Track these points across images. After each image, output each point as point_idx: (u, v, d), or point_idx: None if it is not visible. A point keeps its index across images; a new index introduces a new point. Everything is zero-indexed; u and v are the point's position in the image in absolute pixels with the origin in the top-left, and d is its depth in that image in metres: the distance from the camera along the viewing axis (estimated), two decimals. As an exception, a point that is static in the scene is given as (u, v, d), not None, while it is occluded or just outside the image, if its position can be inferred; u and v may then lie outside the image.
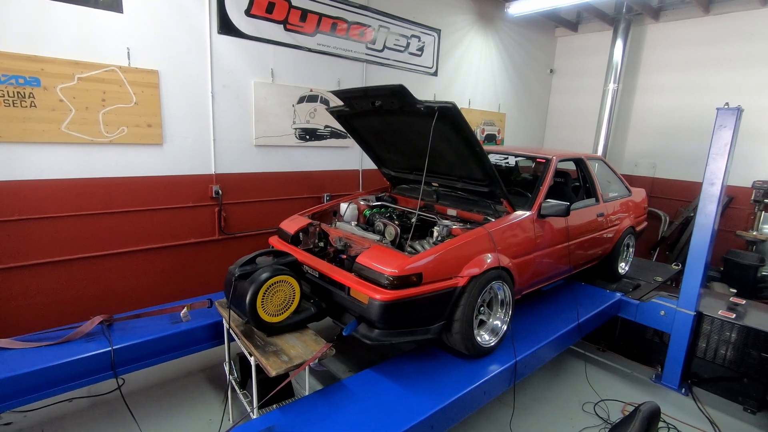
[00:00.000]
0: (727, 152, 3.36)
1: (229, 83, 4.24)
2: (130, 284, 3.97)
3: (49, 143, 3.35)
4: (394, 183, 4.13)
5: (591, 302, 3.87)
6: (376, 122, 3.35)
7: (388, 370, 2.68)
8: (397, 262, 2.47)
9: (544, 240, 3.30)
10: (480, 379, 2.62)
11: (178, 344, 2.94)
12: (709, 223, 3.52)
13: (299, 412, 2.25)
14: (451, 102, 2.57)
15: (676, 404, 3.62)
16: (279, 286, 2.55)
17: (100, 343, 2.68)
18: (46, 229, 3.46)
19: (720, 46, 6.36)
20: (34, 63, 3.18)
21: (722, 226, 4.57)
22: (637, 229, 4.75)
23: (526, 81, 7.92)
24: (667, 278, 4.69)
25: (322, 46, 4.88)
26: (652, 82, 7.17)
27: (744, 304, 3.88)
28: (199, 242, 4.32)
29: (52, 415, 3.06)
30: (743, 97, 5.56)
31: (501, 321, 3.00)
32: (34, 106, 3.22)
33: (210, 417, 3.14)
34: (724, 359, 3.62)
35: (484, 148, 2.90)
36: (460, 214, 3.40)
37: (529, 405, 3.51)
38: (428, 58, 6.09)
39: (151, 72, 3.72)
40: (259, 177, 4.63)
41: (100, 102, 3.50)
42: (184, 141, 4.05)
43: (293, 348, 2.47)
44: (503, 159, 4.39)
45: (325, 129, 5.08)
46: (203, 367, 3.73)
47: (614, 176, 4.61)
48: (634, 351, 4.36)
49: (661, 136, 7.12)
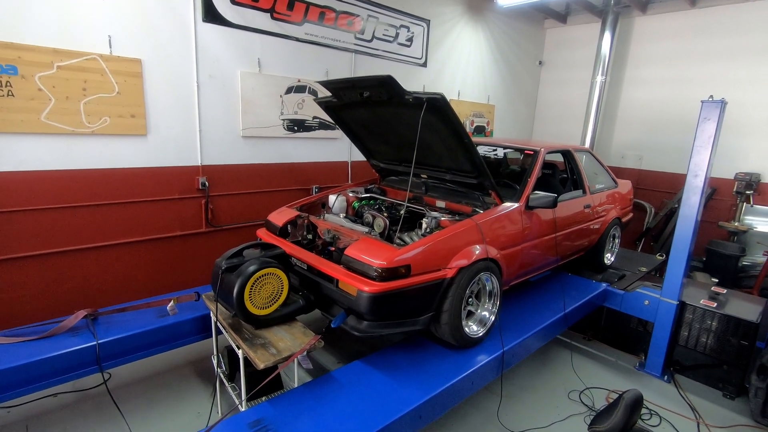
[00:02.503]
0: (711, 144, 3.41)
1: (214, 73, 4.16)
2: (115, 278, 3.91)
3: (29, 134, 3.26)
4: (383, 175, 4.11)
5: (577, 292, 3.93)
6: (364, 113, 3.33)
7: (376, 361, 2.69)
8: (385, 254, 2.47)
9: (532, 231, 3.33)
10: (468, 369, 2.64)
11: (164, 338, 2.91)
12: (693, 215, 3.58)
13: (288, 404, 2.25)
14: (439, 93, 2.55)
15: (658, 391, 3.71)
16: (267, 279, 2.54)
17: (84, 337, 2.64)
18: (28, 221, 3.37)
19: (706, 39, 6.43)
20: (11, 50, 3.08)
21: (705, 217, 4.65)
22: (623, 221, 4.82)
23: (516, 73, 7.92)
24: (651, 268, 4.78)
25: (310, 36, 4.81)
26: (639, 75, 7.23)
27: (725, 293, 3.97)
28: (185, 235, 4.26)
29: (37, 410, 3.02)
30: (728, 90, 5.62)
31: (489, 312, 3.03)
32: (12, 95, 3.12)
33: (198, 410, 3.13)
34: (705, 347, 3.72)
35: (473, 139, 2.90)
36: (449, 206, 3.41)
37: (516, 394, 3.56)
38: (417, 49, 6.05)
39: (134, 61, 3.63)
40: (246, 169, 4.58)
41: (81, 91, 3.41)
42: (169, 132, 3.97)
43: (281, 340, 2.46)
44: (492, 151, 4.41)
45: (313, 120, 5.03)
46: (191, 360, 3.71)
47: (601, 168, 4.66)
48: (618, 340, 4.45)
49: (648, 129, 7.20)
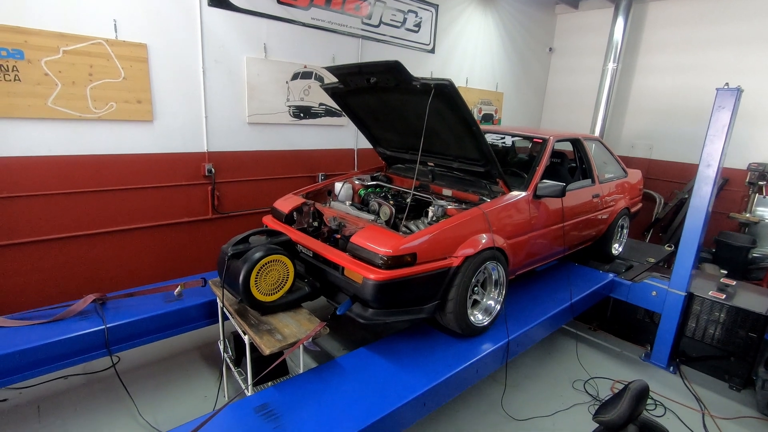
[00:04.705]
0: (725, 134, 3.33)
1: (220, 58, 4.13)
2: (122, 263, 3.94)
3: (36, 119, 3.26)
4: (390, 162, 4.08)
5: (584, 283, 3.90)
6: (371, 100, 3.29)
7: (381, 348, 2.70)
8: (391, 242, 2.46)
9: (539, 221, 3.30)
10: (473, 358, 2.65)
11: (172, 323, 2.94)
12: (704, 205, 3.52)
13: (294, 389, 2.27)
14: (447, 79, 2.51)
15: (663, 382, 3.70)
16: (272, 266, 2.54)
17: (93, 321, 2.67)
18: (35, 207, 3.40)
19: (721, 25, 6.25)
20: (18, 35, 3.07)
21: (716, 207, 4.58)
22: (632, 211, 4.76)
23: (525, 60, 7.78)
24: (659, 259, 4.73)
25: (316, 21, 4.74)
26: (652, 62, 7.07)
27: (734, 285, 3.93)
28: (192, 221, 4.28)
29: (48, 392, 3.08)
30: (742, 79, 5.50)
31: (494, 301, 3.02)
32: (18, 80, 3.12)
33: (205, 394, 3.17)
34: (712, 338, 3.69)
35: (481, 127, 2.86)
36: (456, 194, 3.38)
37: (521, 382, 3.57)
38: (425, 35, 5.95)
39: (140, 45, 3.61)
40: (252, 155, 4.57)
41: (87, 76, 3.40)
42: (175, 118, 3.96)
43: (287, 327, 2.48)
44: (500, 139, 4.35)
45: (319, 107, 4.99)
46: (198, 345, 3.75)
47: (611, 157, 4.59)
48: (624, 330, 4.43)
49: (659, 118, 7.07)
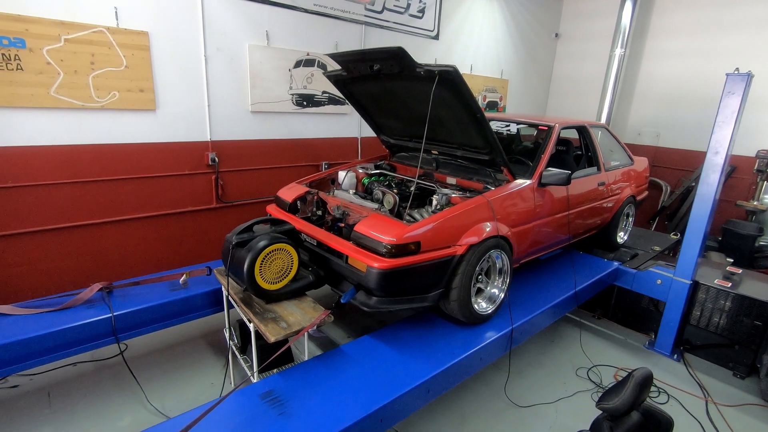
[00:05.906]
0: (734, 120, 3.28)
1: (222, 46, 4.09)
2: (127, 252, 3.96)
3: (39, 108, 3.26)
4: (393, 151, 4.06)
5: (588, 271, 3.89)
6: (374, 87, 3.25)
7: (385, 336, 2.72)
8: (395, 230, 2.46)
9: (544, 209, 3.28)
10: (476, 346, 2.66)
11: (178, 311, 2.97)
12: (711, 193, 3.49)
13: (299, 376, 2.29)
14: (452, 66, 2.47)
15: (667, 370, 3.71)
16: (277, 254, 2.55)
17: (100, 309, 2.70)
18: (40, 196, 3.41)
19: (732, 9, 6.11)
20: (19, 23, 3.04)
21: (723, 195, 4.52)
22: (638, 199, 4.73)
23: (530, 46, 7.66)
24: (665, 248, 4.71)
25: (318, 7, 4.67)
26: (660, 48, 6.94)
27: (740, 274, 3.91)
28: (196, 210, 4.29)
29: (58, 378, 3.13)
30: (752, 64, 5.40)
31: (498, 289, 3.02)
32: (21, 69, 3.11)
33: (212, 381, 3.22)
34: (717, 327, 3.68)
35: (486, 115, 2.83)
36: (460, 183, 3.36)
37: (524, 370, 3.59)
38: (429, 21, 5.86)
39: (141, 33, 3.58)
40: (255, 144, 4.55)
41: (89, 65, 3.38)
42: (178, 107, 3.94)
43: (292, 315, 2.49)
44: (505, 126, 4.30)
45: (322, 95, 4.95)
46: (204, 333, 3.79)
47: (617, 145, 4.54)
48: (628, 318, 4.43)
49: (666, 105, 6.96)
